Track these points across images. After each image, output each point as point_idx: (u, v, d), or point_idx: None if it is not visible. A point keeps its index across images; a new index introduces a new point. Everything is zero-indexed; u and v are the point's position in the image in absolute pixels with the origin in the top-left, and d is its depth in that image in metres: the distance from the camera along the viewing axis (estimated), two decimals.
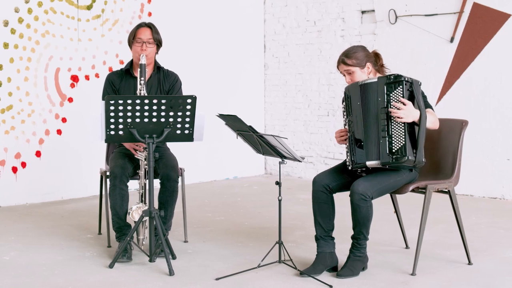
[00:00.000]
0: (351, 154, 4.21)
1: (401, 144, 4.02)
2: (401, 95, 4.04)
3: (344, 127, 4.31)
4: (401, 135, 4.03)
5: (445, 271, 4.34)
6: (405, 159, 4.01)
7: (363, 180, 4.11)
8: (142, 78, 4.60)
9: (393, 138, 4.04)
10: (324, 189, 4.26)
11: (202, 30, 8.14)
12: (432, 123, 4.20)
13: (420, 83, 4.18)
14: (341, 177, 4.31)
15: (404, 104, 4.03)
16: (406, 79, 4.06)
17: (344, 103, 4.32)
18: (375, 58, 4.34)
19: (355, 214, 4.10)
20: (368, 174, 4.21)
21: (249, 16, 8.74)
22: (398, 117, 4.01)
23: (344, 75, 4.31)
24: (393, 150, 4.03)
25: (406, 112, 4.02)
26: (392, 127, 4.05)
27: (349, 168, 4.24)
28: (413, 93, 4.09)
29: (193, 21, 8.05)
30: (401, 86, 4.05)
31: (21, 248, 4.91)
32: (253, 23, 8.80)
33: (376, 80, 4.13)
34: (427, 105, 4.23)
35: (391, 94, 4.06)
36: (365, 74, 4.26)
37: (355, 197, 4.06)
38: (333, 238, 4.31)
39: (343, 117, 4.33)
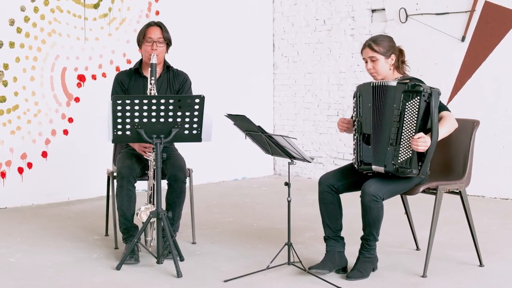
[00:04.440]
0: (358, 155, 4.16)
1: (408, 156, 3.97)
2: (417, 106, 3.94)
3: (353, 123, 4.24)
4: (409, 147, 3.97)
5: (456, 273, 4.30)
6: (408, 171, 3.97)
7: (374, 181, 4.05)
8: (153, 78, 4.56)
9: (401, 148, 3.98)
10: (330, 189, 4.23)
11: (210, 29, 8.10)
12: (449, 130, 4.09)
13: (440, 92, 4.03)
14: (347, 177, 4.27)
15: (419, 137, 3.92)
16: (425, 90, 3.95)
17: (354, 100, 4.24)
18: (399, 53, 4.27)
19: (365, 215, 4.05)
20: (376, 175, 4.15)
21: (258, 15, 8.70)
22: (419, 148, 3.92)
23: (366, 62, 4.22)
24: (399, 161, 3.98)
25: (425, 143, 3.90)
26: (403, 137, 3.99)
27: (356, 167, 4.18)
28: (430, 105, 3.96)
29: (201, 20, 8.00)
30: (418, 97, 3.95)
31: (26, 249, 4.87)
32: (262, 22, 8.75)
33: (394, 84, 4.05)
34: (443, 108, 4.13)
35: (407, 103, 3.97)
36: (387, 65, 4.19)
37: (366, 198, 4.00)
38: (342, 238, 4.28)
39: (353, 112, 4.25)
